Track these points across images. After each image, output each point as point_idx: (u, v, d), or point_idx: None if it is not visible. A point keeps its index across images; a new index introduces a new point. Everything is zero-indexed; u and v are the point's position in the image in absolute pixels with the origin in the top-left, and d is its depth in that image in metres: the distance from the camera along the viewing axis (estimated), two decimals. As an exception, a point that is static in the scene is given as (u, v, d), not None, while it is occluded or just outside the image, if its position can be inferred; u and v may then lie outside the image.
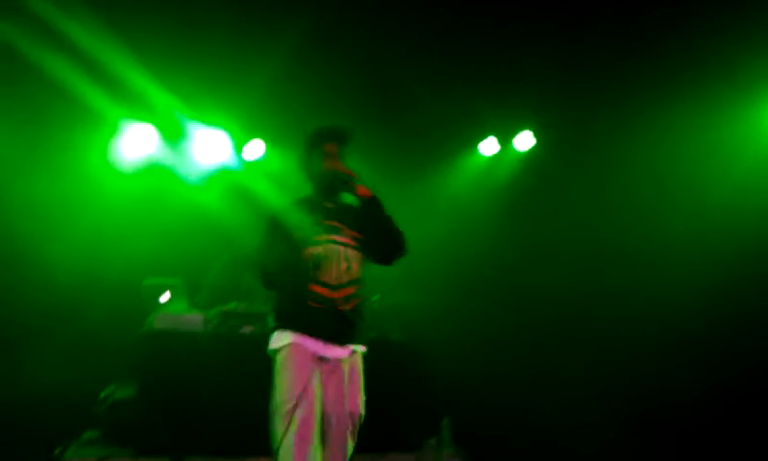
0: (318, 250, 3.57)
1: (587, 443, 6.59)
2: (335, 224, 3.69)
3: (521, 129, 7.52)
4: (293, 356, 3.48)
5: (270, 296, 3.79)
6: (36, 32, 5.71)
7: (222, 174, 7.12)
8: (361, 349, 3.65)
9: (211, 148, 7.04)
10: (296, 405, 3.36)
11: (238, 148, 7.16)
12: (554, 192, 7.40)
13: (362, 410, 3.58)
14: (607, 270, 7.12)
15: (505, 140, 7.60)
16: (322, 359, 3.50)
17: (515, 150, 7.59)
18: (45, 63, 5.98)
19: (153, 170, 6.98)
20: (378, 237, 3.64)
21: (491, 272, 7.16)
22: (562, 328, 7.14)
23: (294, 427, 3.32)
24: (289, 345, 3.51)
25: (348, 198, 3.73)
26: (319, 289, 3.54)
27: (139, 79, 6.29)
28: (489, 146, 7.59)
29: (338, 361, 3.52)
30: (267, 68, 6.49)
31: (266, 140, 7.21)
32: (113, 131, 6.80)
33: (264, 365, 5.08)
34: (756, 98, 6.54)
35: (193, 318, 5.49)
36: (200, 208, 6.85)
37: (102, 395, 5.64)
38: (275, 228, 3.63)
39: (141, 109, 6.71)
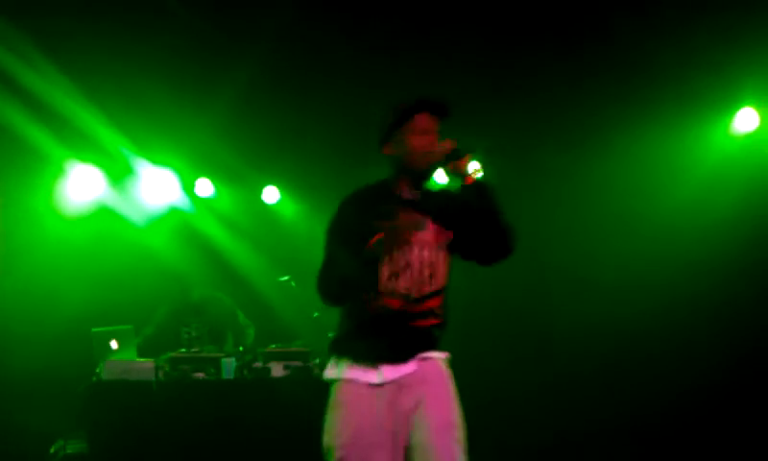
0: (390, 252, 2.95)
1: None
2: (416, 217, 3.02)
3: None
4: (346, 399, 2.97)
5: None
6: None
7: (170, 215, 7.04)
8: (439, 355, 3.07)
9: (159, 188, 6.94)
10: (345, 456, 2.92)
11: (186, 188, 7.09)
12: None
13: (454, 418, 2.98)
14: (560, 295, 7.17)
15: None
16: (383, 384, 2.95)
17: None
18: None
19: (100, 213, 6.88)
20: (481, 232, 3.00)
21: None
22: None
23: None
24: (342, 382, 3.00)
25: (436, 184, 3.16)
26: (390, 301, 2.96)
27: (86, 118, 6.21)
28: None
29: (406, 377, 2.97)
30: (216, 106, 6.45)
31: (215, 180, 7.15)
32: (58, 173, 6.69)
33: (220, 412, 5.12)
34: (707, 116, 6.68)
35: (143, 365, 5.41)
36: (148, 251, 6.74)
37: (51, 450, 5.55)
38: (338, 230, 3.01)
39: (87, 150, 6.60)
